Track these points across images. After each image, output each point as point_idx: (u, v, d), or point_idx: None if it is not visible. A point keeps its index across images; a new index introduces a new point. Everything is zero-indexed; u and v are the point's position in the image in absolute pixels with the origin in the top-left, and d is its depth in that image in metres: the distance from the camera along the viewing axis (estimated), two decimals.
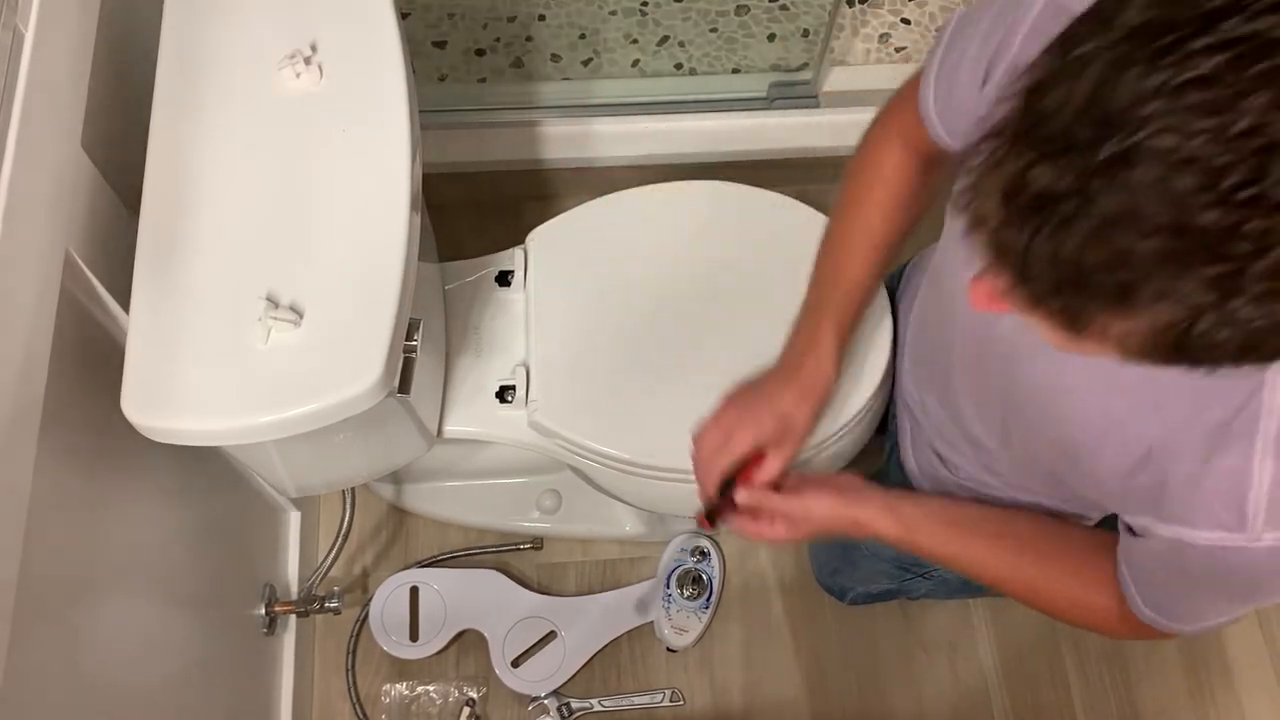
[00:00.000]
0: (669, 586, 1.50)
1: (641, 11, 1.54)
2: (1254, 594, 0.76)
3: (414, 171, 0.95)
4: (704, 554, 1.52)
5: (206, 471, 1.20)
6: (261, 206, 0.92)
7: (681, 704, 1.51)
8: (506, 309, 1.29)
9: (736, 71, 1.66)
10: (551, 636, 1.48)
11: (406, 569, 1.52)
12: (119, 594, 0.99)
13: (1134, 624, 0.86)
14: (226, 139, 0.94)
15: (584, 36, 1.58)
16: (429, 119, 1.02)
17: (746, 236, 1.29)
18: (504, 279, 1.30)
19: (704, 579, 1.50)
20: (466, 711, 1.47)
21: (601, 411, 1.19)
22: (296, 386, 0.86)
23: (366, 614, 1.49)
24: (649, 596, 1.51)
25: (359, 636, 1.51)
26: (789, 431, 0.97)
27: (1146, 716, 1.53)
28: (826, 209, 1.31)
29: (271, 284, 0.88)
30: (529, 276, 1.27)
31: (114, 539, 0.98)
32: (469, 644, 1.51)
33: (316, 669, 1.51)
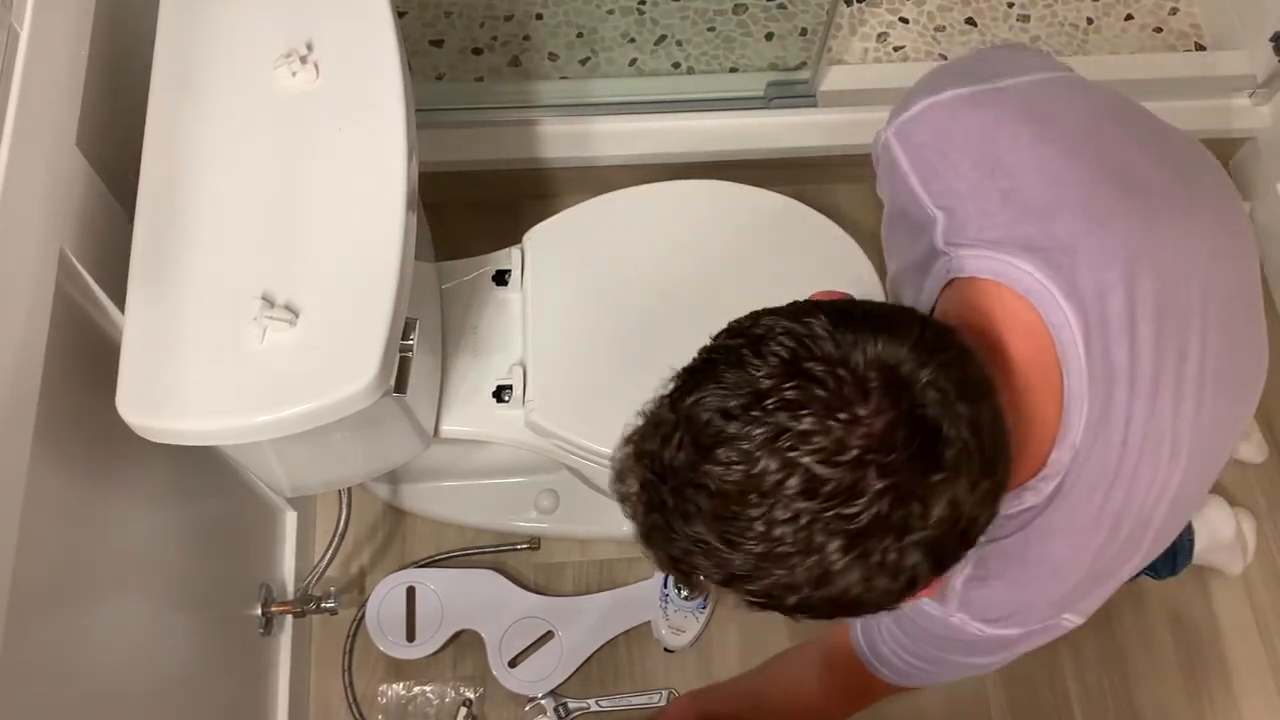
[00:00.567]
0: (667, 586, 1.50)
1: (639, 10, 1.54)
2: (944, 647, 0.88)
3: (410, 170, 0.95)
4: None
5: (202, 471, 1.19)
6: (257, 205, 0.92)
7: None
8: (503, 308, 1.29)
9: (734, 70, 1.66)
10: (549, 637, 1.48)
11: (403, 569, 1.52)
12: (114, 595, 0.99)
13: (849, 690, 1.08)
14: (222, 137, 0.94)
15: (581, 35, 1.58)
16: (426, 118, 1.02)
17: (743, 236, 1.29)
18: (501, 278, 1.29)
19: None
20: (463, 712, 1.47)
21: (599, 411, 1.19)
22: (292, 386, 0.86)
23: (363, 614, 1.48)
24: (647, 597, 1.51)
25: (356, 637, 1.50)
26: None
27: (1145, 719, 1.53)
28: (824, 208, 1.31)
29: (267, 283, 0.88)
30: (526, 276, 1.27)
31: (109, 539, 0.98)
32: (466, 644, 1.50)
33: (313, 669, 1.50)
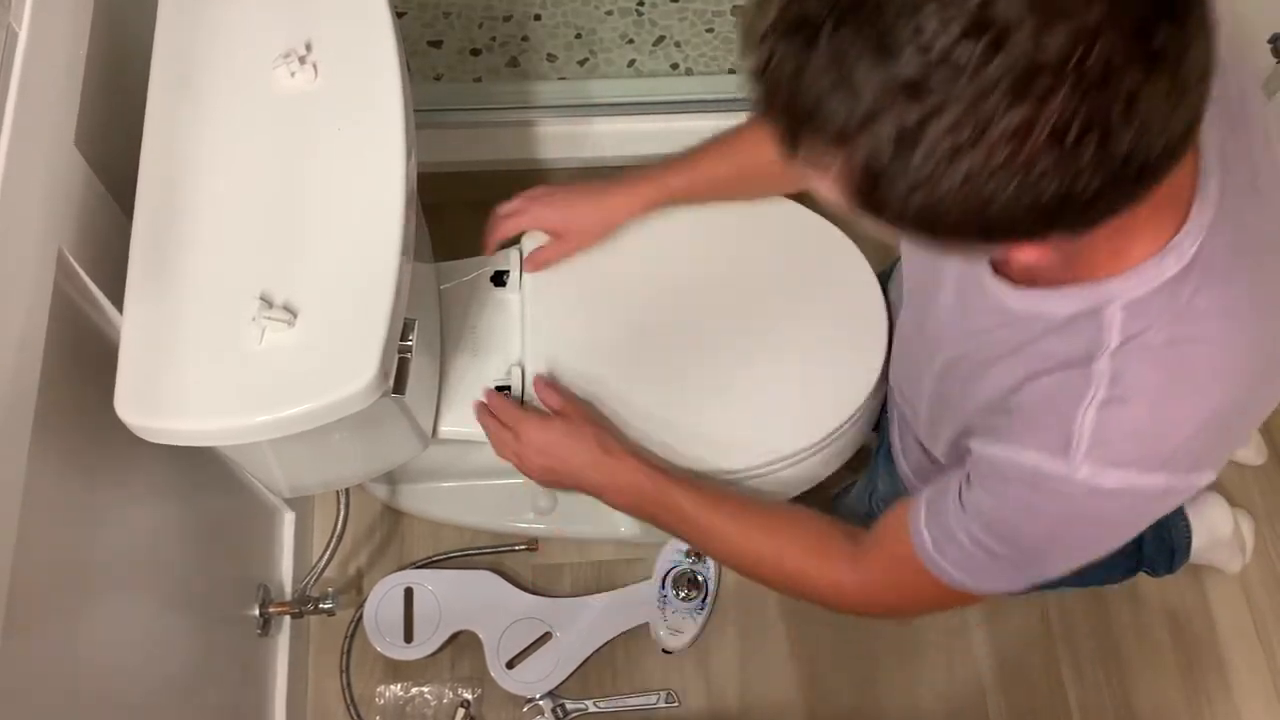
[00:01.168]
0: (665, 588, 1.50)
1: (638, 11, 1.54)
2: (1045, 544, 0.78)
3: (409, 171, 0.95)
4: (700, 555, 1.51)
5: (200, 472, 1.19)
6: (256, 206, 0.92)
7: (677, 705, 1.51)
8: (502, 309, 1.29)
9: (733, 72, 1.66)
10: (547, 638, 1.48)
11: (401, 570, 1.52)
12: (112, 595, 0.99)
13: (858, 597, 0.94)
14: (221, 138, 0.94)
15: (580, 36, 1.58)
16: (425, 118, 1.02)
17: (743, 236, 1.29)
18: (499, 279, 1.29)
19: (700, 580, 1.50)
20: (461, 713, 1.47)
21: (598, 412, 1.19)
22: (291, 386, 0.86)
23: (361, 615, 1.48)
24: (644, 598, 1.51)
25: (354, 638, 1.50)
26: (571, 232, 1.20)
27: (1142, 718, 1.53)
28: (822, 209, 1.31)
29: (266, 283, 0.88)
30: (524, 277, 1.27)
31: (107, 540, 0.98)
32: (464, 645, 1.50)
33: (311, 670, 1.50)
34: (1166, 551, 1.49)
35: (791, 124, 0.56)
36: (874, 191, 0.55)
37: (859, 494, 1.34)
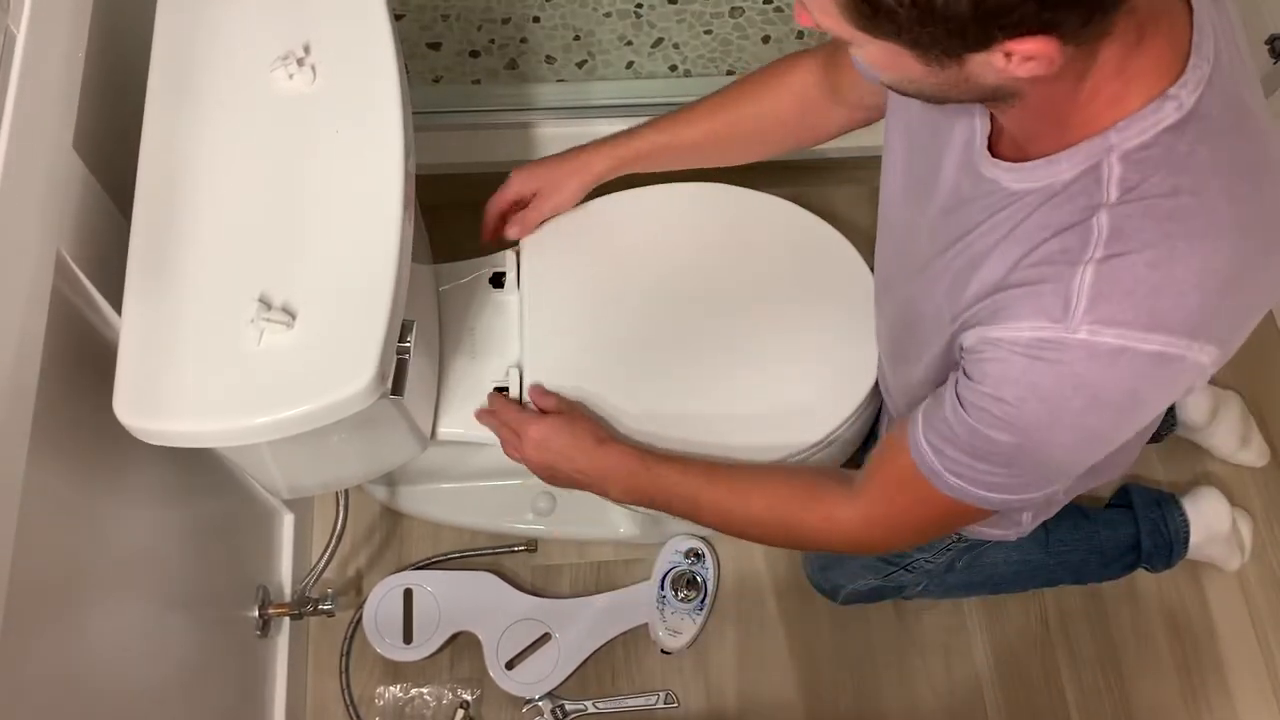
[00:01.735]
0: (664, 588, 1.50)
1: (636, 13, 1.54)
2: (1044, 431, 0.75)
3: (407, 173, 0.95)
4: (699, 556, 1.52)
5: (199, 473, 1.19)
6: (254, 208, 0.92)
7: (676, 706, 1.51)
8: (501, 311, 1.29)
9: (731, 73, 1.66)
10: (546, 639, 1.48)
11: (400, 571, 1.52)
12: (111, 596, 0.99)
13: (858, 530, 0.93)
14: (219, 140, 0.94)
15: (578, 38, 1.58)
16: (423, 120, 1.02)
17: (739, 237, 1.29)
18: (498, 281, 1.30)
19: (698, 581, 1.50)
20: (461, 714, 1.47)
21: (595, 412, 1.19)
22: (289, 388, 0.86)
23: (360, 616, 1.48)
24: (643, 599, 1.51)
25: (353, 639, 1.50)
26: (546, 191, 1.25)
27: (1141, 718, 1.53)
28: (819, 210, 1.31)
29: (264, 285, 0.88)
30: (521, 279, 1.27)
31: (106, 541, 0.98)
32: (463, 646, 1.50)
33: (310, 671, 1.50)
34: (1165, 546, 1.49)
35: None
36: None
37: None
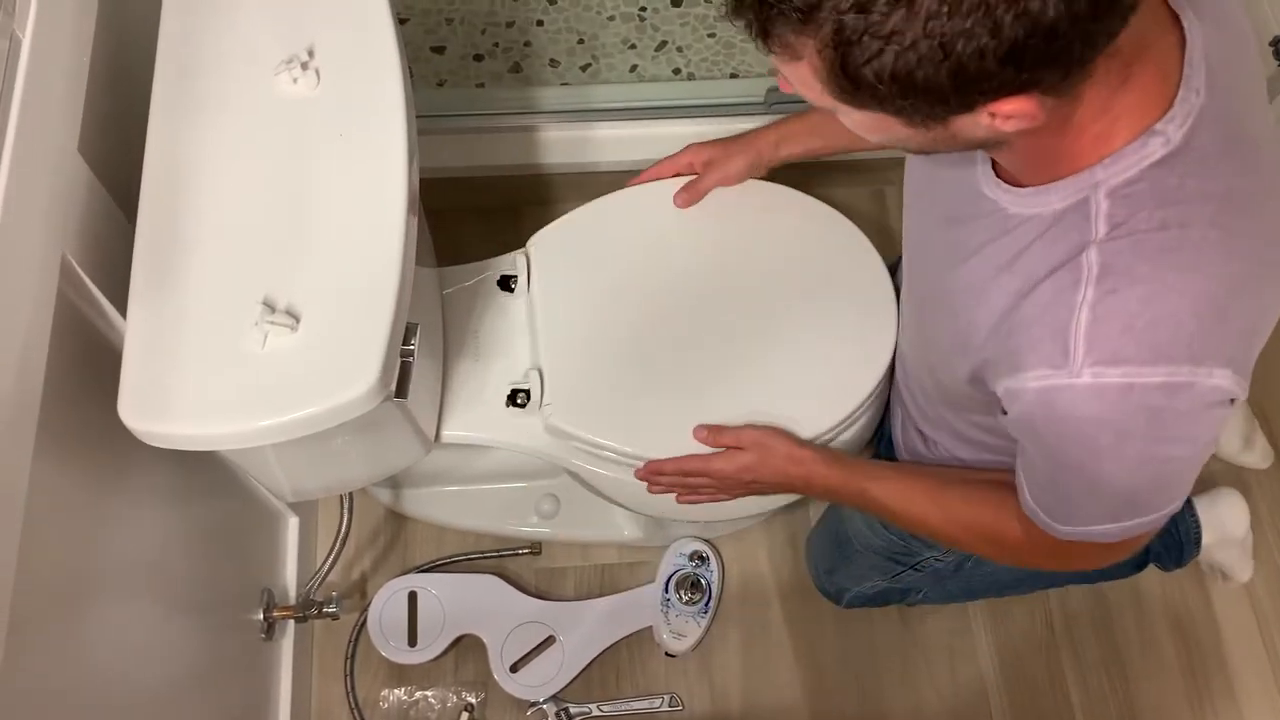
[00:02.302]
0: (668, 591, 1.50)
1: (640, 17, 1.54)
2: (1093, 465, 0.76)
3: (411, 176, 0.95)
4: (703, 559, 1.52)
5: (204, 477, 1.19)
6: (258, 211, 0.92)
7: (680, 709, 1.51)
8: (505, 313, 1.29)
9: (734, 76, 1.66)
10: (550, 641, 1.48)
11: (405, 574, 1.52)
12: (116, 599, 0.99)
13: (1038, 546, 0.90)
14: (224, 143, 0.94)
15: (582, 41, 1.58)
16: (427, 124, 1.03)
17: (750, 228, 1.29)
18: (502, 283, 1.30)
19: (703, 584, 1.50)
20: (465, 716, 1.47)
21: (617, 411, 1.19)
22: (293, 391, 0.86)
23: (365, 619, 1.48)
24: (648, 601, 1.51)
25: (357, 642, 1.51)
26: (716, 165, 1.28)
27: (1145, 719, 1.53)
28: (831, 198, 1.32)
29: (268, 288, 0.88)
30: (532, 281, 1.27)
31: (111, 544, 0.98)
32: (467, 649, 1.51)
33: (315, 674, 1.50)
34: (1175, 546, 1.48)
35: (760, 15, 0.60)
36: (848, 62, 0.59)
37: None
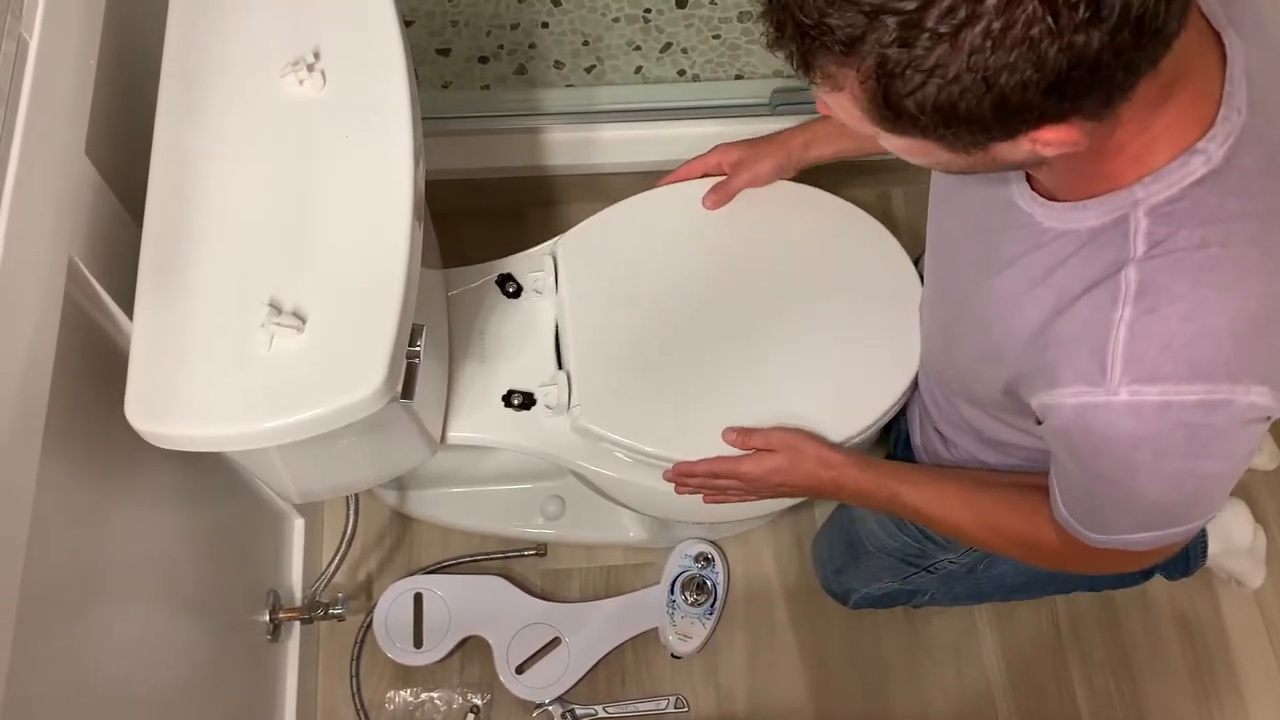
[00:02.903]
0: (673, 593, 1.50)
1: (644, 19, 1.54)
2: (1129, 480, 0.76)
3: (417, 178, 0.95)
4: (708, 560, 1.52)
5: (210, 478, 1.20)
6: (264, 213, 0.92)
7: (686, 710, 1.51)
8: (510, 315, 1.29)
9: (740, 78, 1.66)
10: (556, 643, 1.48)
11: (410, 575, 1.52)
12: (123, 600, 0.99)
13: (1070, 552, 0.90)
14: (230, 145, 0.94)
15: (587, 43, 1.58)
16: (433, 126, 1.03)
17: (774, 227, 1.29)
18: (507, 285, 1.30)
19: (708, 585, 1.50)
20: (470, 718, 1.47)
21: (646, 413, 1.19)
22: (299, 392, 0.86)
23: (370, 620, 1.49)
24: (653, 603, 1.51)
25: (363, 643, 1.51)
26: (745, 165, 1.28)
27: None
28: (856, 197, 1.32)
29: (275, 290, 0.88)
30: (560, 283, 1.26)
31: (118, 545, 0.98)
32: (473, 650, 1.51)
33: (321, 675, 1.51)
34: (1181, 556, 1.48)
35: (802, 45, 0.60)
36: (890, 93, 0.59)
37: None
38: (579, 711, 1.48)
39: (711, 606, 1.50)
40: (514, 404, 1.23)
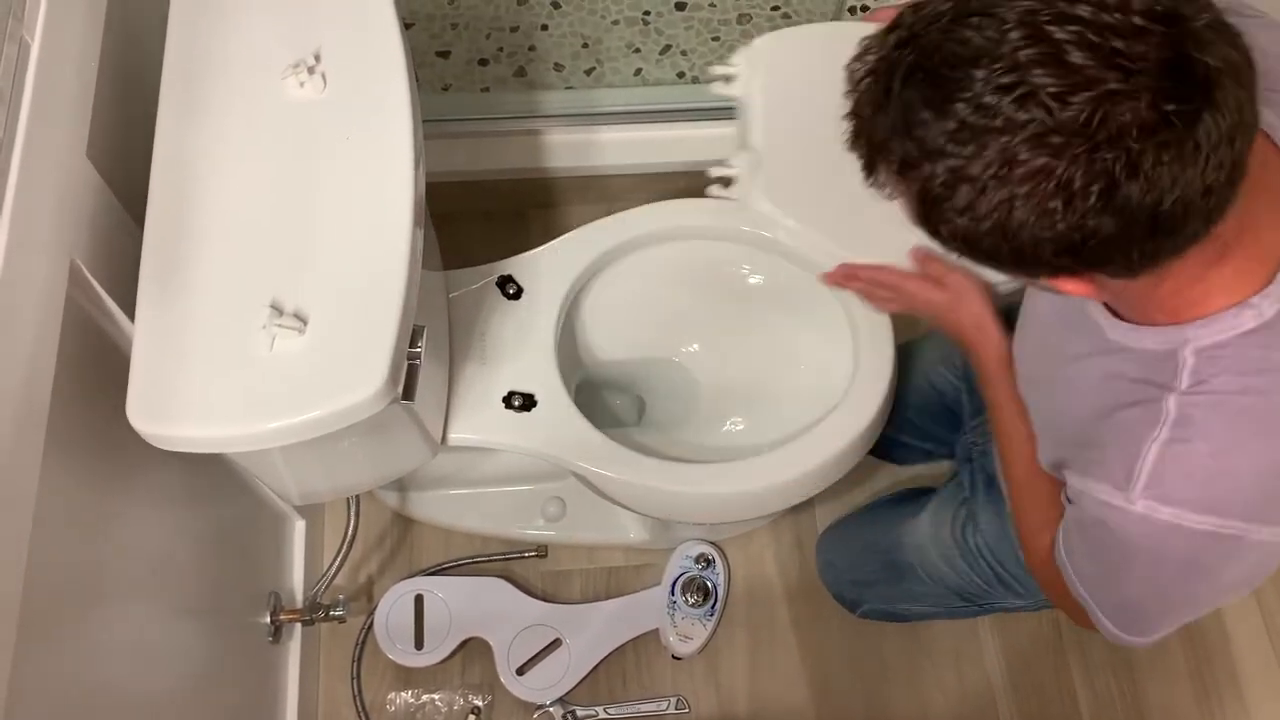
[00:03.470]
0: (674, 594, 1.50)
1: (644, 21, 1.55)
2: (1128, 565, 0.82)
3: (417, 179, 0.95)
4: (709, 561, 1.52)
5: (212, 479, 1.20)
6: (265, 214, 0.92)
7: (687, 711, 1.51)
8: (511, 316, 1.29)
9: None
10: (556, 644, 1.48)
11: (411, 577, 1.52)
12: (124, 602, 1.00)
13: (1049, 572, 0.94)
14: (231, 147, 0.95)
15: (586, 45, 1.59)
16: (433, 128, 1.03)
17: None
18: (507, 287, 1.30)
19: (709, 586, 1.50)
20: (472, 719, 1.47)
21: (825, 203, 1.19)
22: (301, 393, 0.86)
23: (372, 622, 1.49)
24: (654, 604, 1.51)
25: (364, 645, 1.51)
26: (941, 317, 1.13)
27: None
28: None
29: (276, 292, 0.88)
30: (766, 70, 1.24)
31: (120, 547, 0.99)
32: (474, 652, 1.51)
33: (322, 677, 1.51)
34: None
35: (869, 153, 0.68)
36: (930, 214, 0.67)
37: (936, 519, 1.34)
38: (580, 713, 1.48)
39: (712, 608, 1.50)
40: (514, 405, 1.24)
